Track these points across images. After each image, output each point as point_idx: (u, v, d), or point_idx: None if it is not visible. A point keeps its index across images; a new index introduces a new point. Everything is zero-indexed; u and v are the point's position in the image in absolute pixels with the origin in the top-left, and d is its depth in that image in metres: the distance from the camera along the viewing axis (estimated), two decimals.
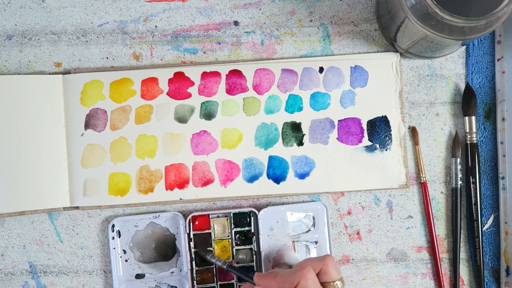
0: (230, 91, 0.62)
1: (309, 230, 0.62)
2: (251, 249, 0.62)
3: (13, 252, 0.63)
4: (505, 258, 0.62)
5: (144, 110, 0.62)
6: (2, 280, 0.63)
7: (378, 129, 0.62)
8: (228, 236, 0.62)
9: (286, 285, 0.53)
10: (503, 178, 0.61)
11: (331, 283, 0.54)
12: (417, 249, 0.63)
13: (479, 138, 0.63)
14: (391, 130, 0.62)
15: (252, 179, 0.62)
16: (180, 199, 0.62)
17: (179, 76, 0.62)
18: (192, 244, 0.61)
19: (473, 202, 0.61)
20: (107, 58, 0.63)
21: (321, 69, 0.62)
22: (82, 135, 0.62)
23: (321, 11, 0.63)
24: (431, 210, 0.62)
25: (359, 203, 0.63)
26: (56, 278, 0.63)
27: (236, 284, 0.62)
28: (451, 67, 0.63)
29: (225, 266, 0.59)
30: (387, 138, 0.62)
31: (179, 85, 0.62)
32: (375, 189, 0.62)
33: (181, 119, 0.62)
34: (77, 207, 0.62)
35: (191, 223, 0.61)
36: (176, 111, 0.62)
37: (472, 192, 0.62)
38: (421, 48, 0.58)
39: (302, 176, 0.62)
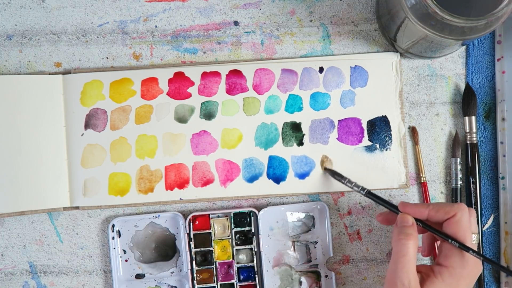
0: (230, 91, 0.62)
1: (309, 230, 0.62)
2: (251, 249, 0.62)
3: (13, 252, 0.63)
4: (505, 258, 0.62)
5: (144, 110, 0.62)
6: (2, 280, 0.63)
7: (378, 129, 0.62)
8: (228, 236, 0.62)
9: (439, 214, 0.53)
10: (503, 178, 0.61)
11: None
12: (417, 249, 0.62)
13: (479, 138, 0.63)
14: (391, 130, 0.62)
15: (252, 179, 0.62)
16: (180, 199, 0.62)
17: (179, 76, 0.62)
18: (192, 244, 0.61)
19: (473, 202, 0.61)
20: (107, 58, 0.63)
21: (321, 69, 0.62)
22: (82, 135, 0.62)
23: (321, 11, 0.63)
24: None
25: (359, 203, 0.63)
26: (56, 278, 0.63)
27: (236, 284, 0.62)
28: (451, 67, 0.63)
29: (363, 192, 0.58)
30: (387, 138, 0.62)
31: (179, 85, 0.62)
32: (375, 189, 0.62)
33: (181, 119, 0.62)
34: (77, 207, 0.62)
35: (191, 223, 0.61)
36: (176, 111, 0.62)
37: (472, 192, 0.62)
38: (421, 48, 0.58)
39: (302, 176, 0.62)
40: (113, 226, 0.62)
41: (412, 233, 0.52)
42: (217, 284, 0.62)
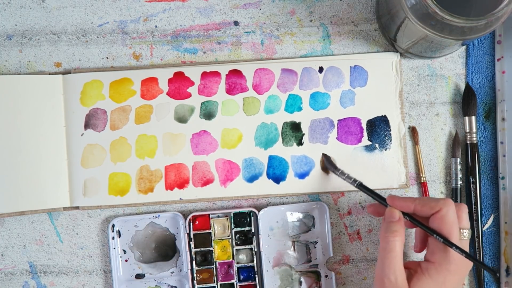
0: (230, 91, 0.62)
1: (309, 230, 0.62)
2: (251, 249, 0.62)
3: (13, 252, 0.63)
4: (505, 258, 0.62)
5: (144, 110, 0.62)
6: (2, 280, 0.63)
7: (378, 129, 0.62)
8: (228, 236, 0.62)
9: (425, 209, 0.53)
10: (503, 178, 0.61)
11: (461, 230, 0.53)
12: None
13: (479, 138, 0.63)
14: (390, 130, 0.62)
15: (252, 179, 0.62)
16: (180, 199, 0.62)
17: (179, 76, 0.62)
18: (192, 244, 0.61)
19: (473, 202, 0.61)
20: (107, 58, 0.63)
21: (321, 69, 0.62)
22: (82, 135, 0.62)
23: (321, 11, 0.63)
24: None
25: (359, 203, 0.63)
26: (56, 278, 0.63)
27: (236, 284, 0.62)
28: (451, 67, 0.63)
29: (355, 185, 0.58)
30: (386, 138, 0.62)
31: (179, 85, 0.62)
32: (375, 189, 0.62)
33: (181, 119, 0.62)
34: (77, 207, 0.62)
35: (191, 223, 0.61)
36: (176, 111, 0.62)
37: (472, 192, 0.62)
38: (421, 48, 0.58)
39: (302, 176, 0.62)
40: (113, 226, 0.62)
41: (398, 230, 0.53)
42: (217, 284, 0.62)
